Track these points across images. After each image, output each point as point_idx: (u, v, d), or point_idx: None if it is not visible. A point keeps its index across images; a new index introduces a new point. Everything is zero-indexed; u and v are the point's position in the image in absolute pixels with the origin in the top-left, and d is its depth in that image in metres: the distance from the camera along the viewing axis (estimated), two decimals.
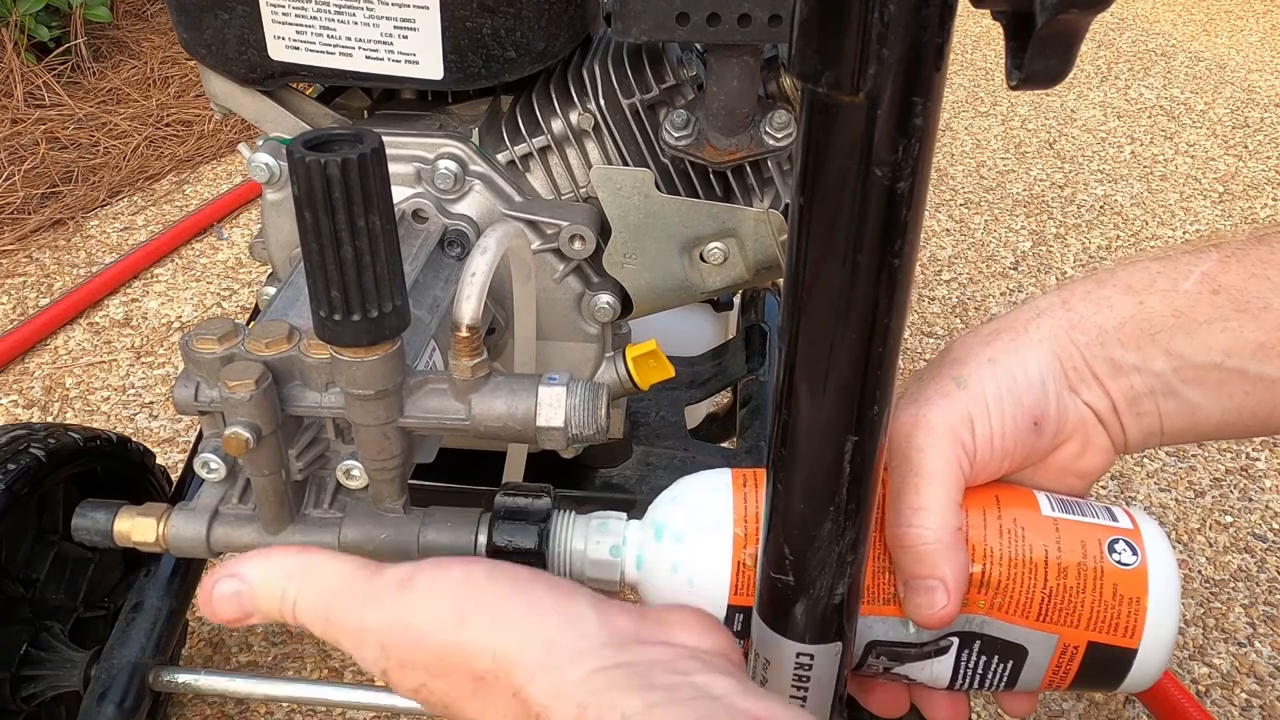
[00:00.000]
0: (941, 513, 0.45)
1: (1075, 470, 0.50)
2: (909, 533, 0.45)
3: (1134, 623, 0.47)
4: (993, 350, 0.48)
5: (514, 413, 0.55)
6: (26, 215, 1.81)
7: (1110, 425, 0.49)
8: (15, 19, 2.10)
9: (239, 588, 0.40)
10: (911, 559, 0.45)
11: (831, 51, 0.30)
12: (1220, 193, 2.07)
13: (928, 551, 0.45)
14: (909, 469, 0.46)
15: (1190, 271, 0.48)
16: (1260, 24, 2.99)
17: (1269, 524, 1.29)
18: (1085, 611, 0.47)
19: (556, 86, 0.75)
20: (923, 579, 0.45)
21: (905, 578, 0.46)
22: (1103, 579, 0.47)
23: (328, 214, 0.45)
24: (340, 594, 0.39)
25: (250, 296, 1.66)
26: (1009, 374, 0.47)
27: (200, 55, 0.73)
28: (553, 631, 0.36)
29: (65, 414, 1.41)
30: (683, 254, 0.73)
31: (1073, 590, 0.47)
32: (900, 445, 0.46)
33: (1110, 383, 0.48)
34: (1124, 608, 0.47)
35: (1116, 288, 0.49)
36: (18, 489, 0.79)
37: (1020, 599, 0.47)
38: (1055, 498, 0.49)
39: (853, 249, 0.34)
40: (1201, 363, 0.47)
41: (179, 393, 0.56)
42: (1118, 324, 0.48)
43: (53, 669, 0.83)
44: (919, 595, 0.45)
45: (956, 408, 0.46)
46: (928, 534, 0.45)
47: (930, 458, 0.45)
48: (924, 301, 1.71)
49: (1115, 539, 0.48)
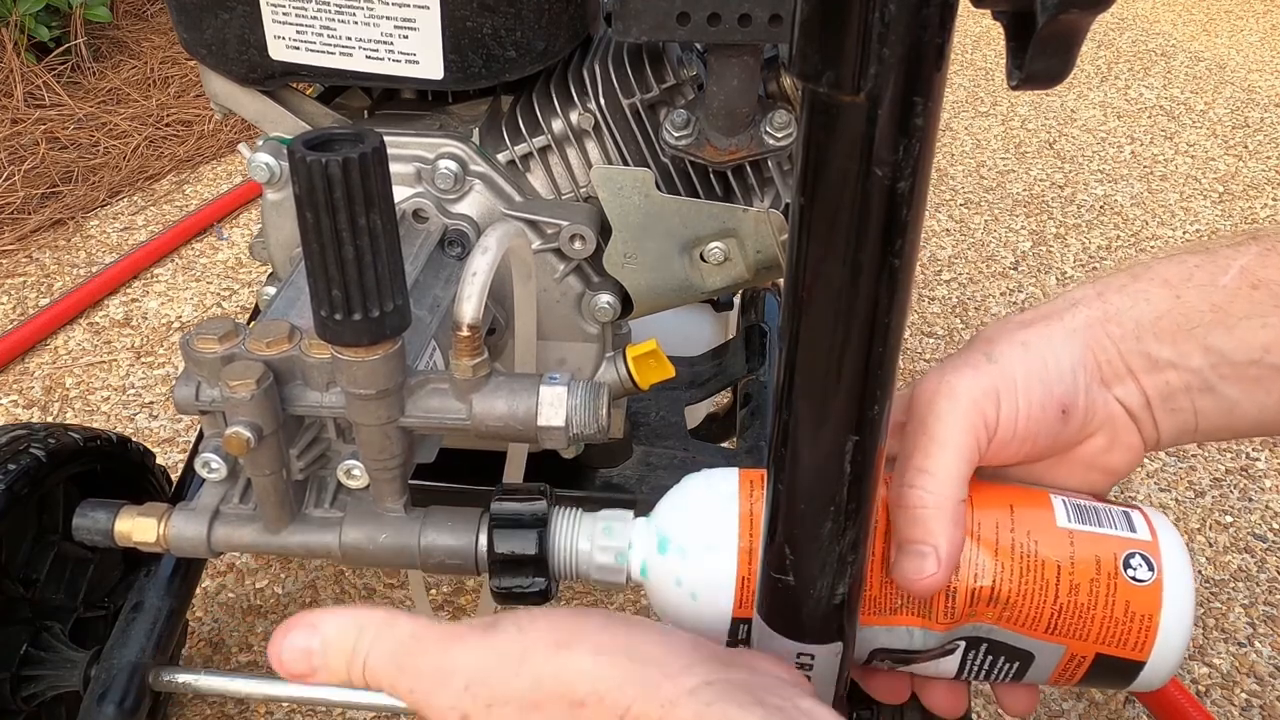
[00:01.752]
0: (947, 480, 0.44)
1: (1100, 466, 0.49)
2: (909, 493, 0.44)
3: (1144, 639, 0.46)
4: (1026, 335, 0.47)
5: (515, 412, 0.55)
6: (26, 215, 1.81)
7: (1142, 421, 0.48)
8: (15, 19, 2.10)
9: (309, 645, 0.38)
10: (908, 521, 0.44)
11: (832, 51, 0.30)
12: (1220, 193, 2.07)
13: (925, 515, 0.44)
14: (923, 432, 0.45)
15: (1229, 265, 0.47)
16: (1260, 24, 2.99)
17: (1269, 524, 1.29)
18: (1095, 627, 0.46)
19: (557, 86, 0.75)
20: (915, 544, 0.44)
21: (899, 540, 0.45)
22: (1115, 596, 0.46)
23: (329, 214, 0.45)
24: (419, 639, 0.37)
25: (250, 296, 1.66)
26: (1040, 359, 0.46)
27: (200, 55, 0.73)
28: (654, 651, 0.35)
29: (65, 414, 1.41)
30: (683, 254, 0.73)
31: (1084, 607, 0.46)
32: (920, 410, 0.46)
33: (1145, 378, 0.47)
34: (1135, 624, 0.46)
35: (1154, 281, 0.48)
36: (18, 489, 0.79)
37: (1030, 613, 0.46)
38: (1072, 504, 0.48)
39: (853, 249, 0.34)
40: (1240, 359, 0.46)
41: (180, 392, 0.56)
42: (1154, 318, 0.47)
43: (53, 669, 0.83)
44: (909, 560, 0.44)
45: (984, 381, 0.45)
46: (928, 497, 0.44)
47: (947, 424, 0.45)
48: (924, 301, 1.71)
49: (1132, 553, 0.46)
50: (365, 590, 1.15)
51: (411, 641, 0.37)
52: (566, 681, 0.34)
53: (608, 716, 0.33)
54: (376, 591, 1.15)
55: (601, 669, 0.34)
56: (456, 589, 1.16)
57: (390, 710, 0.86)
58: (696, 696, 0.33)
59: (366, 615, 0.38)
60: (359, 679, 0.37)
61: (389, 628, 0.37)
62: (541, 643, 0.35)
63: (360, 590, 1.15)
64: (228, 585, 1.16)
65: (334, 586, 1.16)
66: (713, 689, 0.33)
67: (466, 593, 1.15)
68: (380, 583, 1.16)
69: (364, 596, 1.14)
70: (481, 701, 0.34)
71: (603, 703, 0.33)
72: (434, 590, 1.15)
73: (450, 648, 0.36)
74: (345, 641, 0.37)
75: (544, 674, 0.34)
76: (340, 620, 0.38)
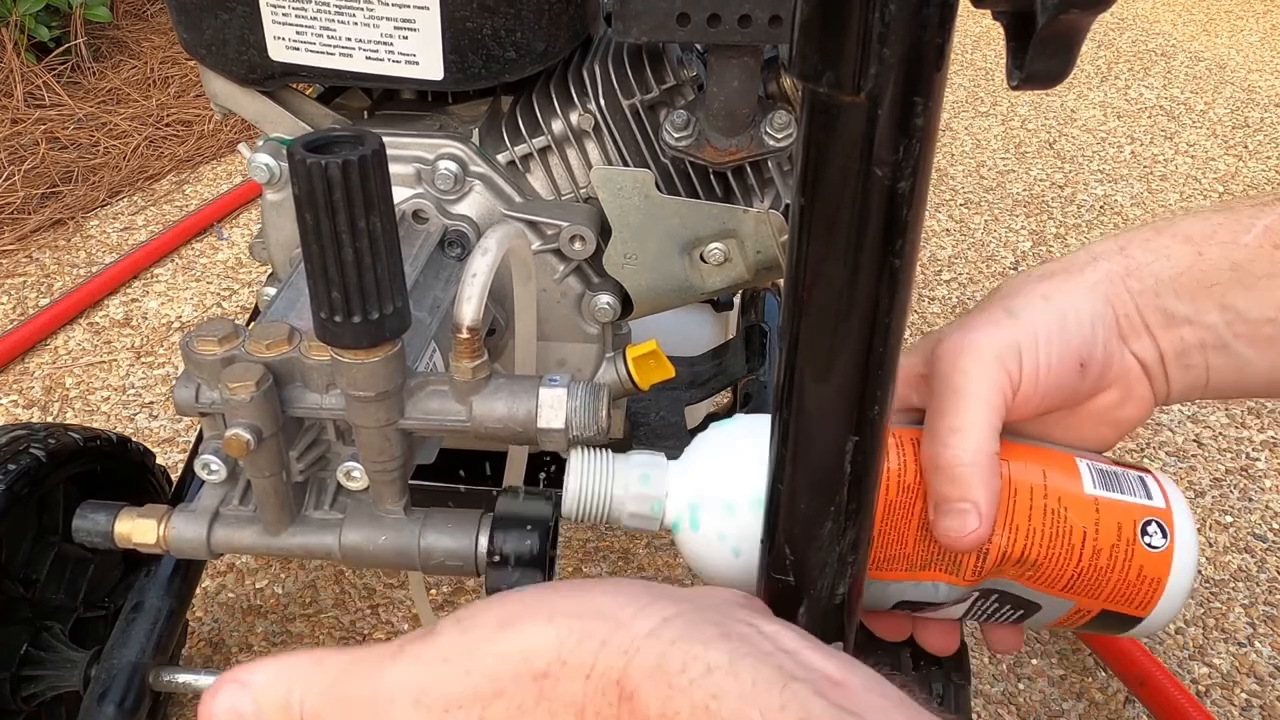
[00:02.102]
0: (980, 436, 0.44)
1: (1112, 419, 0.49)
2: (944, 453, 0.45)
3: (1150, 599, 0.48)
4: (1046, 288, 0.47)
5: (515, 414, 0.55)
6: (26, 215, 1.81)
7: (1155, 376, 0.49)
8: (15, 19, 2.10)
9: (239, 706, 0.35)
10: (945, 480, 0.45)
11: (832, 52, 0.30)
12: (1220, 193, 2.07)
13: (963, 474, 0.44)
14: (950, 391, 0.45)
15: (1252, 225, 0.47)
16: (1260, 24, 2.99)
17: (1269, 524, 1.28)
18: (1108, 588, 0.48)
19: (557, 87, 0.75)
20: (955, 501, 0.44)
21: (937, 500, 0.45)
22: (1131, 561, 0.47)
23: (328, 215, 0.45)
24: (352, 669, 0.34)
25: (250, 296, 1.66)
26: (1060, 313, 0.46)
27: (200, 55, 0.73)
28: (604, 602, 0.33)
29: (65, 414, 1.41)
30: (683, 254, 0.73)
31: (1102, 570, 0.47)
32: (944, 368, 0.46)
33: (1161, 334, 0.48)
34: (1145, 586, 0.48)
35: (1176, 237, 0.48)
36: (18, 489, 0.79)
37: (1052, 575, 0.47)
38: (1096, 468, 0.49)
39: (853, 249, 0.34)
40: (1255, 318, 0.46)
41: (180, 394, 0.56)
42: (1174, 274, 0.47)
43: (53, 669, 0.83)
44: (951, 518, 0.44)
45: (1006, 336, 0.45)
46: (964, 455, 0.44)
47: (974, 380, 0.45)
48: (924, 301, 1.71)
49: (1149, 520, 0.48)
50: (365, 590, 1.15)
51: (345, 673, 0.34)
52: (522, 658, 0.32)
53: (573, 680, 0.31)
54: (376, 591, 1.15)
55: (555, 635, 0.32)
56: (456, 589, 1.16)
57: None
58: (658, 636, 0.31)
59: (292, 659, 0.35)
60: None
61: (318, 667, 0.35)
62: (485, 630, 0.33)
63: (360, 590, 1.15)
64: (228, 585, 1.16)
65: (334, 587, 1.15)
66: (672, 626, 0.32)
67: (467, 592, 1.15)
68: (380, 583, 1.16)
69: (364, 596, 1.14)
70: (438, 710, 0.32)
71: (565, 666, 0.31)
72: (434, 590, 1.15)
73: (388, 667, 0.33)
74: (277, 693, 0.35)
75: (496, 659, 0.32)
76: (267, 671, 0.35)
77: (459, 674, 0.32)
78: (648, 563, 1.21)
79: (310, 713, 0.34)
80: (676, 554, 1.21)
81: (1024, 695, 1.06)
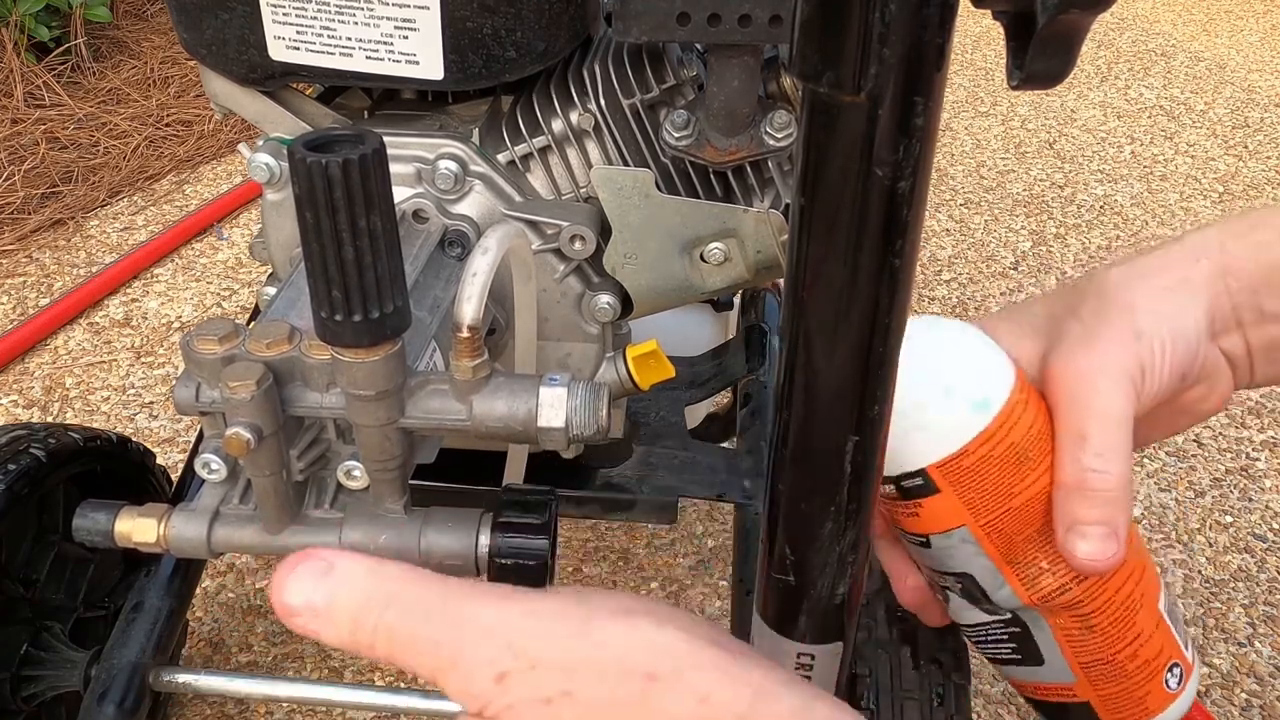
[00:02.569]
0: (1125, 459, 0.44)
1: (1193, 411, 0.50)
2: (1093, 477, 0.44)
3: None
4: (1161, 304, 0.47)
5: (515, 413, 0.55)
6: (26, 215, 1.81)
7: (1240, 369, 0.49)
8: (15, 19, 2.10)
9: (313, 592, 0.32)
10: (1088, 504, 0.44)
11: (832, 51, 0.30)
12: (1220, 193, 2.07)
13: (1111, 498, 0.44)
14: (1090, 414, 0.45)
15: None
16: (1260, 24, 2.99)
17: (1269, 524, 1.29)
18: (1110, 690, 0.49)
19: (557, 86, 0.75)
20: (1095, 524, 0.44)
21: (1074, 521, 0.44)
22: (1150, 684, 0.49)
23: (329, 214, 0.45)
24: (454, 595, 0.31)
25: (250, 296, 1.66)
26: (1173, 327, 0.47)
27: (200, 55, 0.73)
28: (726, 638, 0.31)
29: (65, 414, 1.41)
30: (683, 254, 0.73)
31: (1126, 674, 0.48)
32: (1081, 389, 0.45)
33: (1252, 330, 0.48)
34: (1135, 710, 0.49)
35: (1274, 230, 0.48)
36: (18, 489, 0.79)
37: (1090, 646, 0.48)
38: (1167, 594, 0.50)
39: (853, 249, 0.34)
40: None
41: (180, 393, 0.56)
42: (1270, 269, 0.48)
43: (53, 669, 0.83)
44: (1092, 542, 0.44)
45: (1134, 358, 0.46)
46: (1111, 479, 0.44)
47: (1114, 403, 0.45)
48: (924, 301, 1.71)
49: (1176, 664, 0.50)
50: None
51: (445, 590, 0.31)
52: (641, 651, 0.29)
53: (684, 699, 0.29)
54: None
55: (680, 644, 0.29)
56: None
57: (390, 710, 0.86)
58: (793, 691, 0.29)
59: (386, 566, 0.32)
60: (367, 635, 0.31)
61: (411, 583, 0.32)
62: (605, 609, 0.31)
63: None
64: (228, 585, 1.16)
65: None
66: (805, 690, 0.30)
67: None
68: None
69: None
70: (525, 661, 0.29)
71: (681, 680, 0.29)
72: None
73: (497, 602, 0.31)
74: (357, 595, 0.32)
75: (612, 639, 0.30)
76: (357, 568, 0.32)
77: (566, 636, 0.30)
78: (648, 563, 1.21)
79: (386, 628, 0.31)
80: (676, 554, 1.21)
81: None
